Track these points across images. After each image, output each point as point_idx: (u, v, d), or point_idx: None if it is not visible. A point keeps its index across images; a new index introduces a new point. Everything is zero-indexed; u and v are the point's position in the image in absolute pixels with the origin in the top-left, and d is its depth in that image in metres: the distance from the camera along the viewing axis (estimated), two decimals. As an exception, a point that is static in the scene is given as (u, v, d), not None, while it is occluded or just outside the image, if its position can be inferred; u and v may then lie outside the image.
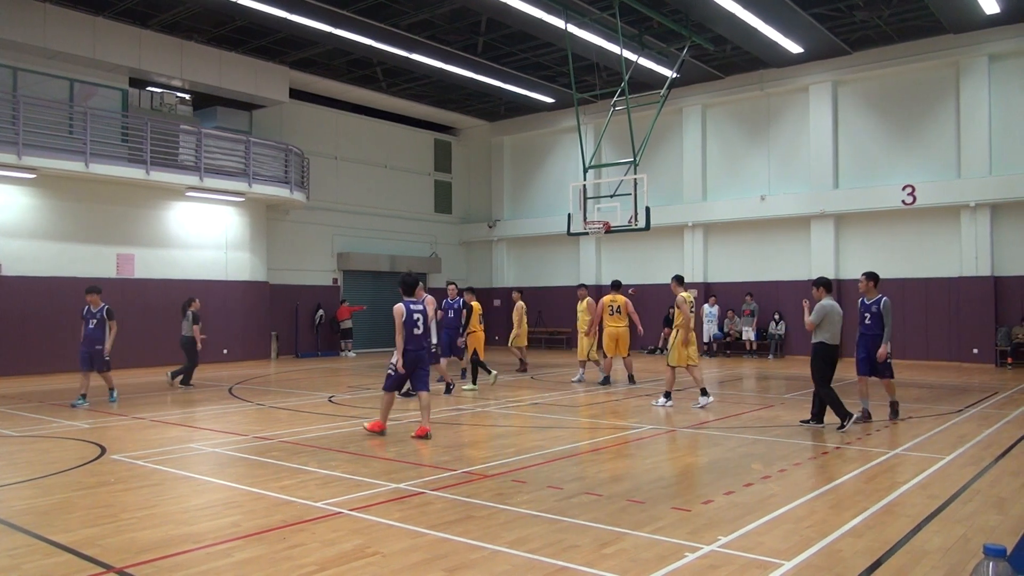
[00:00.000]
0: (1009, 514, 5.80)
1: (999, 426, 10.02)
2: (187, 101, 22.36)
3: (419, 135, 29.01)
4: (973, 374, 17.57)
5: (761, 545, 5.06)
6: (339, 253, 25.69)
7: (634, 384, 14.88)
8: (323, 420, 10.84)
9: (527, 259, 29.14)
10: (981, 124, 19.84)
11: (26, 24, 17.52)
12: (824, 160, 22.12)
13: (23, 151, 16.82)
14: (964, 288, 20.05)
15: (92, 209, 19.03)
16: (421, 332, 9.18)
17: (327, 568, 4.65)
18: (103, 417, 11.18)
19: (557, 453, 8.32)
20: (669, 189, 24.93)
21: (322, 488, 6.65)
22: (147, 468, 7.60)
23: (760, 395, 13.99)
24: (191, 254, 21.03)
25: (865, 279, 10.43)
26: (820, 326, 9.72)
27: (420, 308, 9.28)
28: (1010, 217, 19.68)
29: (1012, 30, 19.21)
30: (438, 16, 19.15)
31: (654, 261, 25.42)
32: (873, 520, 5.64)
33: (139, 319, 19.67)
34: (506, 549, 4.97)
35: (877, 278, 10.34)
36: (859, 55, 21.31)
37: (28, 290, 17.90)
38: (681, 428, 10.01)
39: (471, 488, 6.63)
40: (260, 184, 21.28)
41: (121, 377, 17.31)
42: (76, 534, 5.37)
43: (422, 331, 9.20)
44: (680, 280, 12.48)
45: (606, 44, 19.96)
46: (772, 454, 8.19)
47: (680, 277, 12.59)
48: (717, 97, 24.18)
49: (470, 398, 13.21)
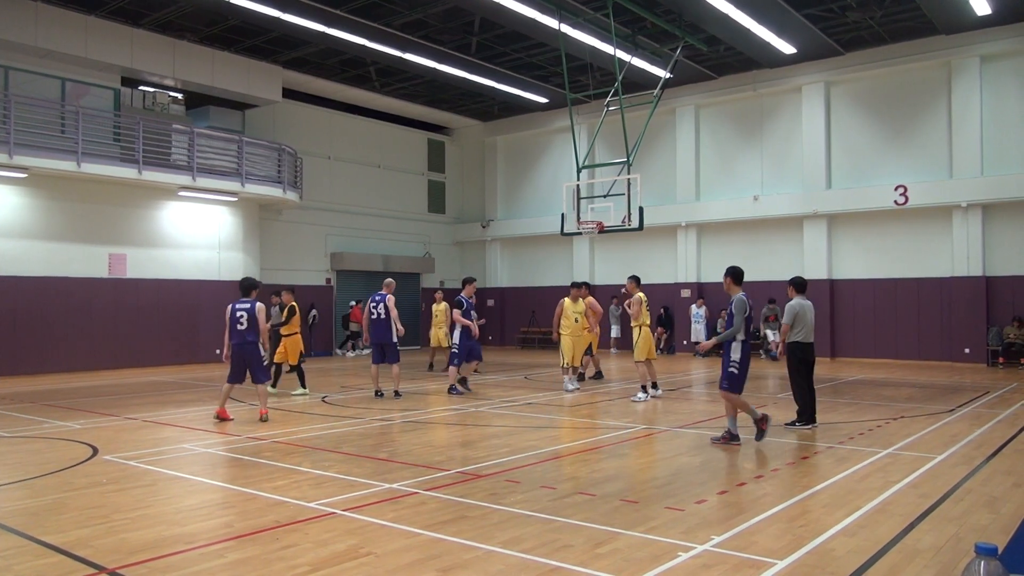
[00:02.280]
0: (1001, 513, 5.83)
1: (991, 425, 10.06)
2: (180, 100, 22.28)
3: (412, 135, 28.98)
4: (965, 374, 17.64)
5: (754, 544, 5.07)
6: (332, 253, 25.64)
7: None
8: (316, 420, 10.82)
9: (521, 259, 29.14)
10: (973, 125, 19.93)
11: (18, 22, 17.43)
12: (817, 160, 22.19)
13: (14, 150, 16.72)
14: (956, 288, 20.13)
15: (84, 209, 18.95)
16: (245, 328, 10.35)
17: (320, 568, 4.64)
18: (95, 417, 11.13)
19: (551, 453, 8.32)
20: (662, 189, 24.96)
21: (315, 488, 6.64)
22: (139, 469, 7.58)
23: (753, 395, 14.00)
24: (184, 254, 20.96)
25: (725, 276, 9.19)
26: (792, 326, 9.80)
27: (246, 307, 10.44)
28: (1002, 217, 19.77)
29: (1004, 31, 19.31)
30: (431, 16, 19.13)
31: (647, 261, 25.45)
32: (865, 519, 5.66)
33: (131, 319, 19.62)
34: (500, 549, 4.97)
35: (736, 275, 9.00)
36: (851, 56, 21.37)
37: (19, 290, 17.81)
38: (674, 428, 10.03)
39: (465, 488, 6.63)
40: (253, 184, 21.22)
41: (115, 377, 17.29)
42: (68, 535, 5.35)
43: (245, 327, 10.36)
44: (637, 281, 13.51)
45: (599, 44, 19.97)
46: (765, 453, 8.21)
47: (636, 278, 13.60)
48: (710, 97, 24.22)
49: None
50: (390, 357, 13.02)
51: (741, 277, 9.05)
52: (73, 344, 18.54)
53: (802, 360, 9.84)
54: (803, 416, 9.85)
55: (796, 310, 9.76)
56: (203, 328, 21.14)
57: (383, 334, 13.01)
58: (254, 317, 10.44)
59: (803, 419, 9.83)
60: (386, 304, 12.99)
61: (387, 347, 13.03)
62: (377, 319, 13.05)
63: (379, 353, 13.22)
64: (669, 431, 9.79)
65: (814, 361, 9.98)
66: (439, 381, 15.91)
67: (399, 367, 13.17)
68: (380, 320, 13.01)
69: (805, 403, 9.86)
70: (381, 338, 13.07)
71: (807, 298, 10.09)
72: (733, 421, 8.74)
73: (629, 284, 13.51)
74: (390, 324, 12.92)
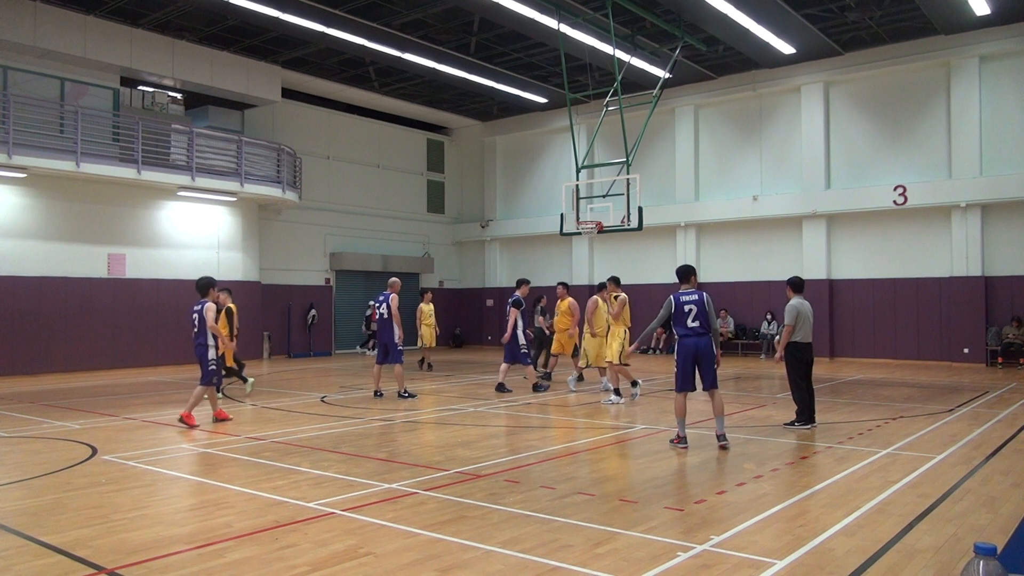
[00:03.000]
0: (999, 513, 5.83)
1: (989, 425, 10.07)
2: (179, 100, 22.27)
3: (412, 135, 28.98)
4: (964, 374, 17.65)
5: (754, 544, 5.07)
6: (331, 253, 25.64)
7: None
8: (316, 420, 10.82)
9: (520, 259, 29.13)
10: (972, 125, 19.94)
11: (16, 22, 17.43)
12: (816, 160, 22.19)
13: (13, 150, 16.73)
14: (955, 288, 20.14)
15: (83, 209, 18.94)
16: (196, 329, 10.44)
17: (320, 568, 4.64)
18: (94, 417, 11.13)
19: (550, 453, 8.32)
20: (661, 189, 24.97)
21: (315, 488, 6.63)
22: (138, 469, 7.57)
23: (753, 395, 14.02)
24: (183, 254, 20.95)
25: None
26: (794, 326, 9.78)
27: (198, 308, 10.44)
28: (1000, 217, 19.78)
29: (1003, 31, 19.32)
30: (431, 16, 19.13)
31: (647, 261, 25.47)
32: (865, 519, 5.66)
33: (130, 319, 19.61)
34: (499, 549, 4.97)
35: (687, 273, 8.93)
36: (851, 56, 21.38)
37: (18, 290, 17.80)
38: (674, 428, 10.01)
39: (464, 488, 6.63)
40: (252, 184, 21.22)
41: (114, 377, 17.27)
42: (67, 535, 5.35)
43: (197, 328, 10.43)
44: (616, 281, 13.41)
45: (599, 44, 19.97)
46: (764, 453, 8.21)
47: (616, 278, 13.52)
48: (709, 97, 24.23)
49: None
50: (392, 357, 12.96)
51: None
52: (72, 344, 18.54)
53: (801, 360, 9.85)
54: (802, 416, 9.88)
55: (798, 310, 9.74)
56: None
57: (385, 334, 13.01)
58: (203, 318, 10.41)
59: (802, 419, 9.86)
60: (388, 303, 12.97)
61: (389, 347, 13.01)
62: (381, 319, 13.07)
63: (382, 353, 13.21)
64: (668, 431, 9.78)
65: (812, 361, 9.99)
66: (437, 381, 15.90)
67: (401, 367, 13.10)
68: (384, 320, 13.01)
69: (804, 403, 9.87)
70: (384, 337, 13.07)
71: (804, 298, 10.10)
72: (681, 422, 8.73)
73: (610, 285, 13.22)
74: (392, 323, 12.92)
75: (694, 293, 8.62)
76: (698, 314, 8.45)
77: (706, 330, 8.46)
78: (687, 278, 8.84)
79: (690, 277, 8.86)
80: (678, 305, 8.57)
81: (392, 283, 13.48)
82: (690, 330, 8.47)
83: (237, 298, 21.97)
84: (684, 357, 8.49)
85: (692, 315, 8.47)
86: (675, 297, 8.63)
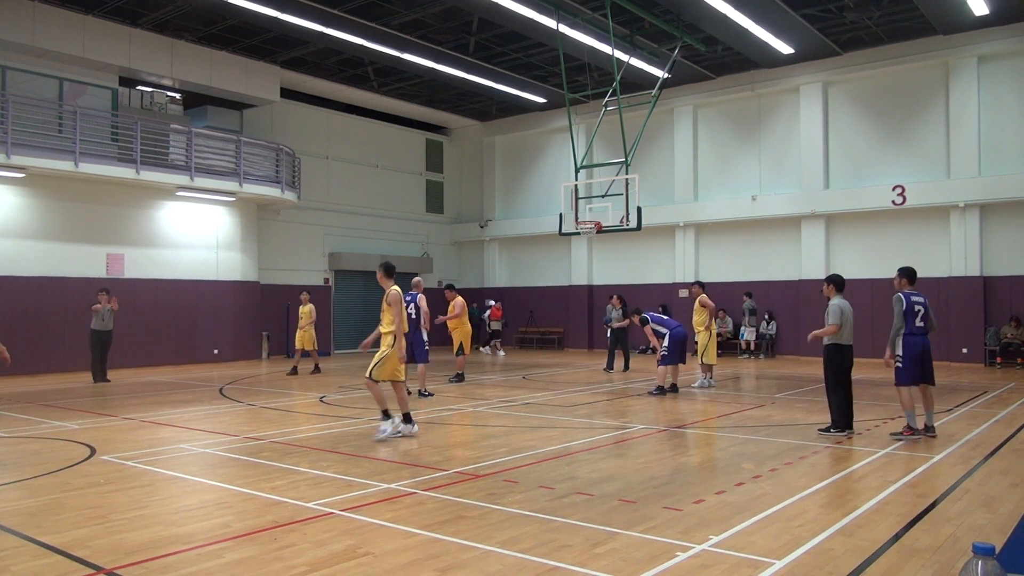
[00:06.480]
0: (998, 513, 5.84)
1: (988, 425, 10.08)
2: (177, 100, 22.26)
3: (410, 135, 28.97)
4: (962, 374, 17.66)
5: (752, 544, 5.07)
6: (330, 253, 25.63)
7: None
8: (314, 420, 10.81)
9: (519, 259, 29.14)
10: (970, 125, 19.95)
11: (15, 22, 17.42)
12: (815, 160, 22.20)
13: (12, 150, 16.71)
14: (954, 288, 20.15)
15: (82, 209, 18.93)
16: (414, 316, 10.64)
17: (318, 569, 4.64)
18: (93, 417, 11.12)
19: (548, 453, 8.32)
20: (660, 189, 24.98)
21: (313, 488, 6.63)
22: (137, 469, 7.57)
23: (752, 395, 14.03)
24: (181, 254, 20.94)
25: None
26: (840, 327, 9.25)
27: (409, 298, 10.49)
28: (999, 217, 19.80)
29: (1001, 31, 19.33)
30: (429, 16, 19.13)
31: (646, 261, 25.48)
32: (863, 519, 5.67)
33: (129, 319, 19.57)
34: (498, 549, 4.97)
35: (914, 274, 9.43)
36: (849, 56, 21.39)
37: (17, 290, 17.79)
38: (672, 428, 10.03)
39: (463, 488, 6.63)
40: (251, 184, 21.21)
41: (113, 377, 17.23)
42: (66, 535, 5.34)
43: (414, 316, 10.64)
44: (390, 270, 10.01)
45: (598, 44, 19.98)
46: (763, 453, 8.22)
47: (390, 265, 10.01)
48: (708, 97, 24.23)
49: None
50: (418, 356, 12.98)
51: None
52: (71, 344, 18.51)
53: (842, 363, 9.29)
54: (839, 423, 9.29)
55: (843, 309, 9.25)
56: (201, 328, 21.16)
57: (415, 333, 13.00)
58: (418, 306, 11.03)
59: (839, 425, 9.28)
60: (416, 303, 12.98)
61: (416, 346, 12.92)
62: (410, 318, 13.02)
63: (409, 351, 13.21)
64: (668, 431, 9.79)
65: (852, 365, 9.44)
66: (434, 382, 15.88)
67: (424, 367, 13.17)
68: (412, 320, 13.00)
69: (841, 409, 9.27)
70: (411, 336, 13.04)
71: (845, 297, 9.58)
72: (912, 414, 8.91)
73: None
74: (420, 323, 12.93)
75: (920, 295, 8.99)
76: (924, 315, 8.87)
77: (927, 330, 8.94)
78: (914, 279, 9.18)
79: (914, 278, 9.18)
80: (908, 304, 8.91)
81: (416, 282, 13.50)
82: (918, 329, 8.88)
83: (236, 298, 22.15)
84: (913, 354, 8.86)
85: (920, 315, 8.87)
86: (905, 297, 8.96)
